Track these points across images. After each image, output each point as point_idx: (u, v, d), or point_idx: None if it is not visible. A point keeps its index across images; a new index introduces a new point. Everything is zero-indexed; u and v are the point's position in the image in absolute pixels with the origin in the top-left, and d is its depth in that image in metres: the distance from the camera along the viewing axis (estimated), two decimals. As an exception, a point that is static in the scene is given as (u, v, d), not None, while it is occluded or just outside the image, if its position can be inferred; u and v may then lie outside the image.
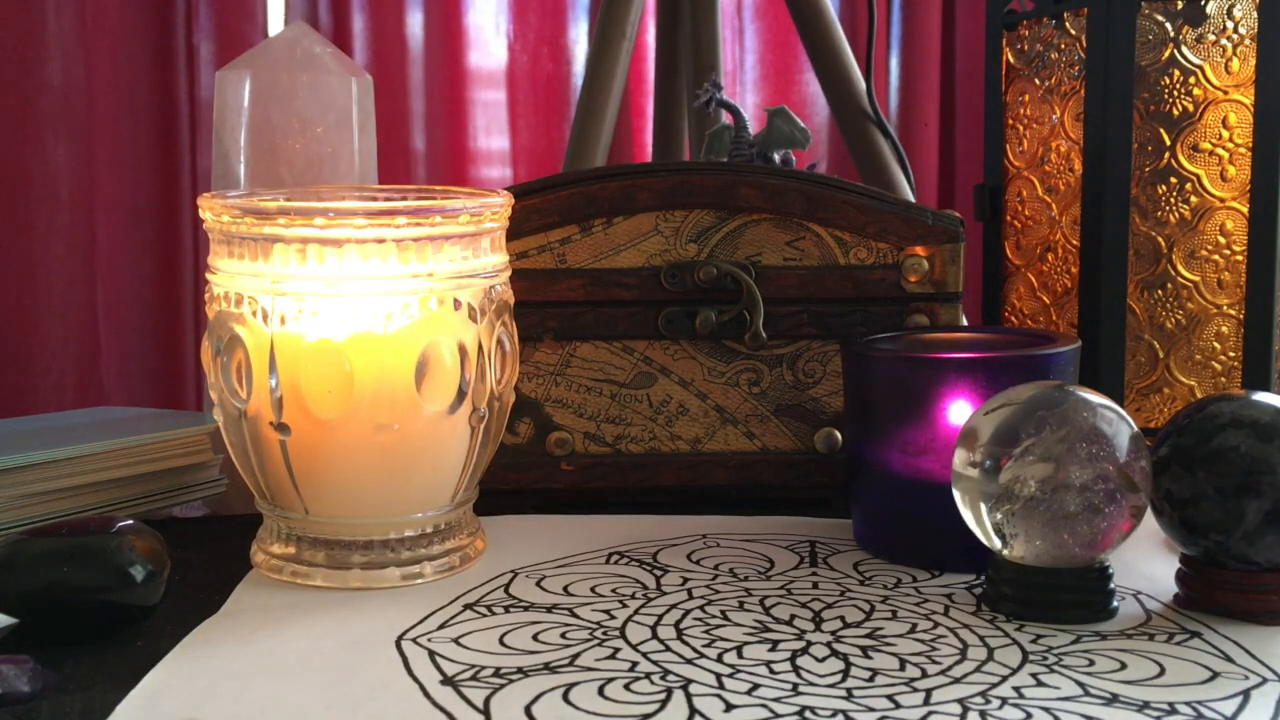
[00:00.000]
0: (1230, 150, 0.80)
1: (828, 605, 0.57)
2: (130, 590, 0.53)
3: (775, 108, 0.90)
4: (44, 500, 0.65)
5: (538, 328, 0.73)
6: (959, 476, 0.56)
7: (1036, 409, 0.55)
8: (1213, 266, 0.81)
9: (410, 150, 1.56)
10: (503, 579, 0.61)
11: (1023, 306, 0.89)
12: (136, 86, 1.42)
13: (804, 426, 0.75)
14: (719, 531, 0.69)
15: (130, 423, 0.74)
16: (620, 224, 0.73)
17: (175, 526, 0.71)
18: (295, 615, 0.56)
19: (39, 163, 1.36)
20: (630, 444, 0.74)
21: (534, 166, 1.59)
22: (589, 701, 0.47)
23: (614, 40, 1.19)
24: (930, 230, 0.73)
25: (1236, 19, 0.79)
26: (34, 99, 1.35)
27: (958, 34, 1.69)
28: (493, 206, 0.62)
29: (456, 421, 0.60)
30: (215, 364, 0.61)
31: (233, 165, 0.75)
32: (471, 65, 1.58)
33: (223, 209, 0.59)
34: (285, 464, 0.60)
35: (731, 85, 1.61)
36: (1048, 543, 0.54)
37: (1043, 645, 0.53)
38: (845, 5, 1.62)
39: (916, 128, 1.66)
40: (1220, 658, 0.51)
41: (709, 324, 0.73)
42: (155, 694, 0.48)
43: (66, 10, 1.36)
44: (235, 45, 1.42)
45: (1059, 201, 0.85)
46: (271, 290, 0.58)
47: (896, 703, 0.47)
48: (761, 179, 0.73)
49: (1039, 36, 0.86)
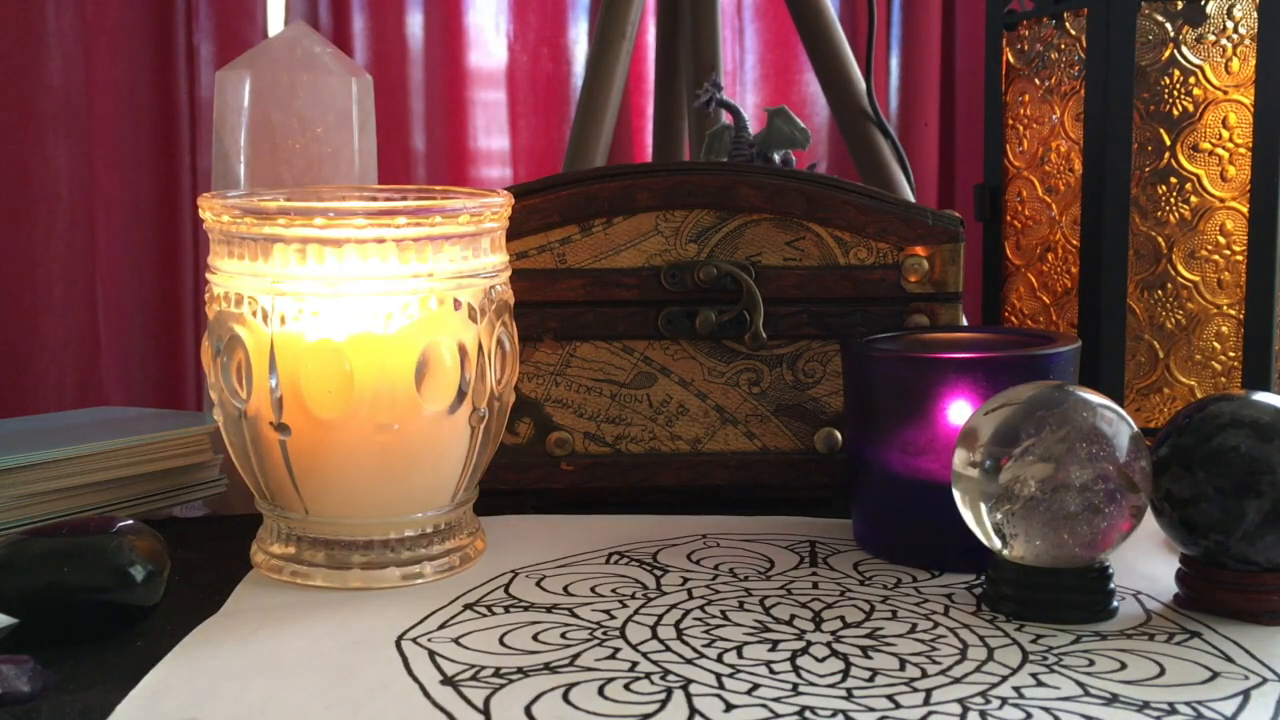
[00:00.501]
0: (1230, 150, 0.80)
1: (828, 605, 0.57)
2: (130, 590, 0.53)
3: (775, 108, 0.90)
4: (44, 500, 0.65)
5: (538, 328, 0.73)
6: (959, 476, 0.56)
7: (1036, 409, 0.55)
8: (1213, 266, 0.81)
9: (410, 150, 1.56)
10: (503, 579, 0.61)
11: (1023, 306, 0.89)
12: (136, 86, 1.42)
13: (804, 426, 0.75)
14: (719, 531, 0.69)
15: (130, 423, 0.74)
16: (620, 224, 0.73)
17: (175, 526, 0.71)
18: (295, 615, 0.56)
19: (39, 162, 1.35)
20: (630, 444, 0.74)
21: (534, 166, 1.59)
22: (589, 701, 0.47)
23: (614, 40, 1.19)
24: (930, 230, 0.73)
25: (1236, 19, 0.79)
26: (34, 99, 1.35)
27: (958, 34, 1.69)
28: (493, 206, 0.62)
29: (456, 421, 0.60)
30: (215, 364, 0.61)
31: (233, 165, 0.75)
32: (471, 65, 1.58)
33: (223, 209, 0.59)
34: (285, 464, 0.60)
35: (731, 85, 1.61)
36: (1048, 543, 0.54)
37: (1043, 645, 0.53)
38: (845, 5, 1.62)
39: (916, 128, 1.66)
40: (1220, 658, 0.51)
41: (709, 324, 0.73)
42: (155, 694, 0.48)
43: (66, 10, 1.36)
44: (235, 45, 1.42)
45: (1059, 201, 0.85)
46: (271, 290, 0.58)
47: (896, 703, 0.47)
48: (761, 179, 0.73)
49: (1039, 36, 0.86)
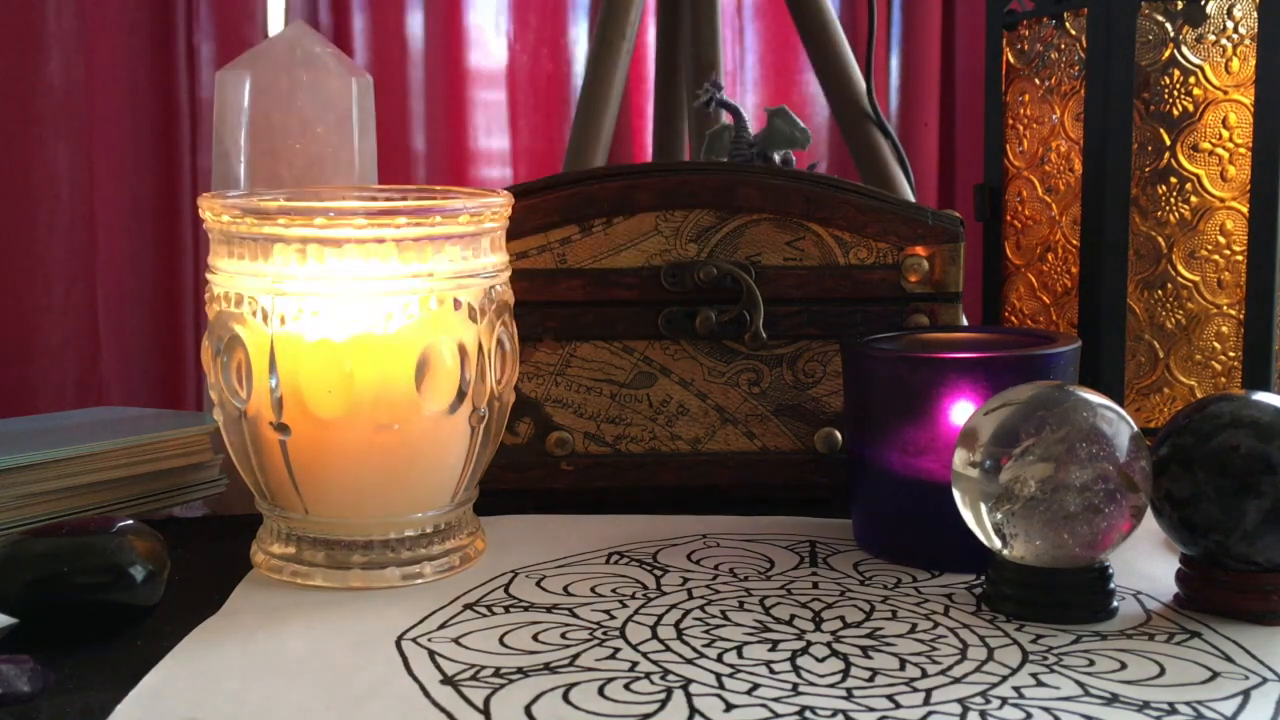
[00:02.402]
0: (1230, 150, 0.80)
1: (828, 605, 0.57)
2: (130, 590, 0.53)
3: (775, 108, 0.90)
4: (44, 500, 0.65)
5: (538, 328, 0.73)
6: (959, 476, 0.56)
7: (1036, 409, 0.55)
8: (1213, 266, 0.81)
9: (410, 150, 1.56)
10: (503, 579, 0.61)
11: (1023, 306, 0.89)
12: (136, 86, 1.42)
13: (804, 426, 0.75)
14: (719, 531, 0.69)
15: (130, 423, 0.74)
16: (620, 224, 0.73)
17: (175, 526, 0.71)
18: (295, 615, 0.56)
19: (39, 162, 1.36)
20: (630, 444, 0.74)
21: (534, 166, 1.59)
22: (589, 701, 0.47)
23: (614, 40, 1.19)
24: (930, 230, 0.73)
25: (1236, 19, 0.79)
26: (34, 99, 1.35)
27: (958, 34, 1.69)
28: (493, 206, 0.62)
29: (456, 421, 0.60)
30: (215, 364, 0.61)
31: (233, 165, 0.75)
32: (471, 65, 1.58)
33: (223, 209, 0.59)
34: (285, 464, 0.60)
35: (731, 85, 1.61)
36: (1048, 543, 0.54)
37: (1043, 645, 0.52)
38: (845, 5, 1.62)
39: (916, 128, 1.66)
40: (1220, 658, 0.51)
41: (709, 324, 0.73)
42: (155, 694, 0.48)
43: (66, 10, 1.36)
44: (235, 45, 1.42)
45: (1059, 201, 0.85)
46: (271, 290, 0.58)
47: (896, 703, 0.47)
48: (761, 179, 0.73)
49: (1039, 36, 0.86)
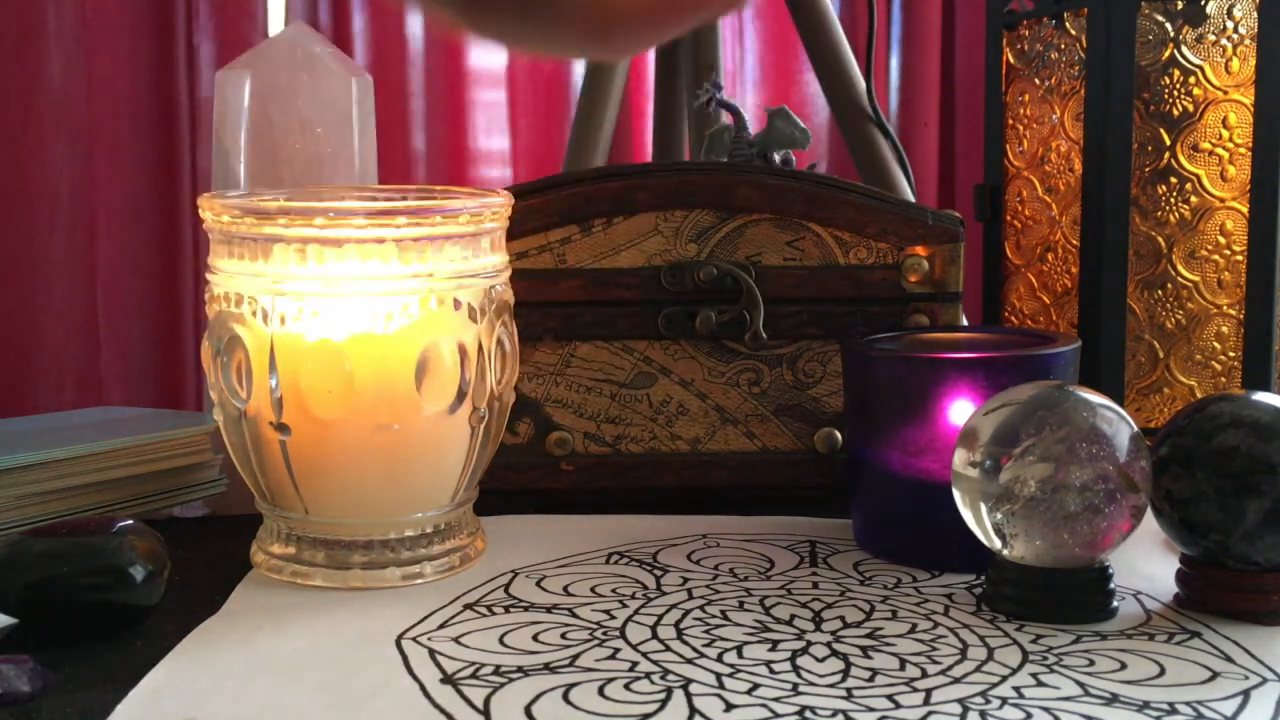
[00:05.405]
0: (1230, 150, 0.80)
1: (828, 605, 0.57)
2: (130, 590, 0.53)
3: (775, 108, 0.90)
4: (44, 500, 0.65)
5: (538, 328, 0.73)
6: (959, 476, 0.56)
7: (1036, 409, 0.55)
8: (1213, 266, 0.81)
9: (410, 150, 1.56)
10: (503, 579, 0.61)
11: (1023, 306, 0.89)
12: (136, 86, 1.42)
13: (804, 426, 0.75)
14: (719, 531, 0.69)
15: (130, 423, 0.74)
16: (620, 224, 0.73)
17: (175, 526, 0.71)
18: (295, 615, 0.56)
19: (39, 163, 1.36)
20: (630, 444, 0.74)
21: (534, 166, 1.59)
22: (589, 701, 0.47)
23: (614, 40, 1.18)
24: (930, 230, 0.73)
25: (1236, 19, 0.79)
26: (34, 99, 1.35)
27: (958, 34, 1.69)
28: (493, 206, 0.62)
29: (456, 421, 0.60)
30: (215, 364, 0.61)
31: (233, 165, 0.75)
32: (471, 65, 1.58)
33: (223, 209, 0.59)
34: (285, 464, 0.60)
35: (731, 85, 1.61)
36: (1048, 543, 0.54)
37: (1043, 645, 0.52)
38: (845, 5, 1.62)
39: (916, 128, 1.66)
40: (1220, 658, 0.51)
41: (709, 324, 0.73)
42: (155, 694, 0.48)
43: (66, 10, 1.36)
44: (235, 45, 1.42)
45: (1059, 201, 0.85)
46: (271, 290, 0.58)
47: (896, 703, 0.47)
48: (761, 179, 0.73)
49: (1039, 36, 0.86)
